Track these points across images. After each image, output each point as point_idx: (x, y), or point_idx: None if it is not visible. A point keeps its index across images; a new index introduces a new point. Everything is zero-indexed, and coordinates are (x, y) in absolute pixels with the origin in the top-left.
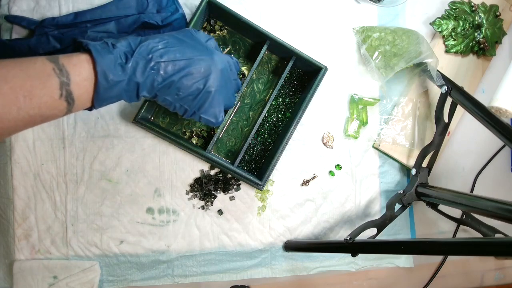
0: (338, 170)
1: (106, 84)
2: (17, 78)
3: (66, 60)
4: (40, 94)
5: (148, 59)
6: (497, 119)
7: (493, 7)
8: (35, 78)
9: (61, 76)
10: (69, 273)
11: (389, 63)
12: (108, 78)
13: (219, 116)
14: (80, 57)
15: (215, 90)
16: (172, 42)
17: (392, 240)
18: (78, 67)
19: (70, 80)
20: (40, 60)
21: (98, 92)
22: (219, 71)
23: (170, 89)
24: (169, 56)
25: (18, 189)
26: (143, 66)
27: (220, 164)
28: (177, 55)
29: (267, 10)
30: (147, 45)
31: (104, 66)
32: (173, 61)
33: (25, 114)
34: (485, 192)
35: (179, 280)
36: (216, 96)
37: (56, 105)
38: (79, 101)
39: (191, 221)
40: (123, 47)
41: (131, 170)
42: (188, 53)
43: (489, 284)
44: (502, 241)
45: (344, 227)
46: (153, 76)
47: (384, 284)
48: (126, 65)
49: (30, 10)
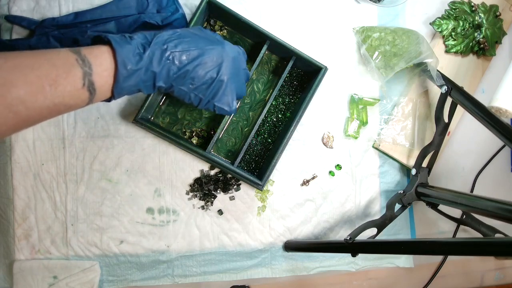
0: (338, 170)
1: (126, 73)
2: (43, 67)
3: (88, 51)
4: (64, 83)
5: (164, 49)
6: (497, 119)
7: (493, 7)
8: (60, 68)
9: (84, 66)
10: (69, 273)
11: (389, 63)
12: (127, 67)
13: (232, 104)
14: (101, 48)
15: (228, 78)
16: (184, 34)
17: (392, 240)
18: (99, 58)
19: (92, 70)
20: (64, 51)
21: (118, 81)
22: (230, 59)
23: (185, 79)
24: (183, 46)
25: (18, 189)
26: (159, 55)
27: (220, 164)
28: (190, 46)
29: (267, 10)
30: (162, 37)
31: (124, 55)
32: (187, 51)
33: (50, 102)
34: (485, 192)
35: (179, 280)
36: (229, 84)
37: (79, 95)
38: (100, 91)
39: (191, 221)
40: (139, 39)
41: (131, 170)
42: (200, 43)
43: (489, 284)
44: (502, 241)
45: (344, 227)
46: (169, 66)
47: (384, 284)
48: (144, 54)
49: (30, 10)
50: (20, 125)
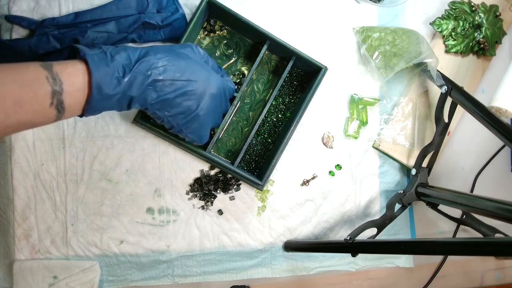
0: (338, 170)
1: (100, 97)
2: (8, 85)
3: (61, 68)
4: (31, 102)
5: (147, 75)
6: (497, 119)
7: (493, 7)
8: (26, 85)
9: (54, 85)
10: (69, 273)
11: (389, 63)
12: (102, 91)
13: (204, 137)
14: (76, 66)
15: (204, 114)
16: (172, 58)
17: (392, 240)
18: (72, 76)
19: (62, 90)
20: (34, 66)
21: (90, 103)
22: (213, 95)
23: (162, 106)
24: (167, 75)
25: (18, 189)
26: (141, 81)
27: (220, 164)
28: (175, 74)
29: (267, 10)
30: (147, 61)
31: (100, 79)
32: (171, 80)
33: (14, 120)
34: (485, 192)
35: (179, 280)
36: (205, 119)
37: (46, 113)
38: (69, 110)
39: (191, 221)
40: (121, 59)
41: (131, 170)
42: (187, 73)
43: (489, 284)
44: (502, 241)
45: (344, 227)
46: (149, 93)
47: (384, 284)
48: (123, 79)
49: (30, 10)
50: None
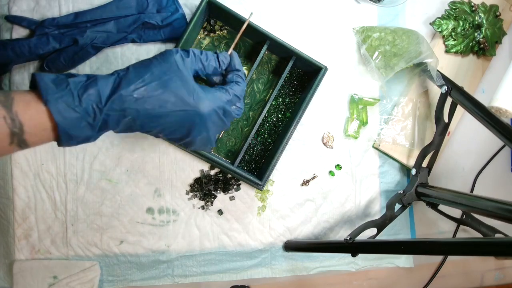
0: (338, 170)
1: (69, 140)
2: None
3: (22, 108)
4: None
5: (122, 114)
6: (497, 119)
7: (493, 7)
8: None
9: (13, 127)
10: (69, 273)
11: (389, 63)
12: (72, 136)
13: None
14: (39, 108)
15: (199, 138)
16: (151, 87)
17: (392, 240)
18: (34, 120)
19: (23, 132)
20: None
21: (60, 142)
22: (205, 121)
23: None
24: (146, 109)
25: (18, 189)
26: (116, 119)
27: (220, 164)
28: (156, 107)
29: (267, 10)
30: (119, 97)
31: (67, 127)
32: (151, 115)
33: None
34: (485, 192)
35: (179, 280)
36: (198, 141)
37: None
38: (35, 144)
39: (191, 221)
40: (90, 99)
41: (131, 170)
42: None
43: (489, 284)
44: (502, 241)
45: (344, 227)
46: (129, 123)
47: (384, 284)
48: (95, 122)
49: (30, 10)
50: None
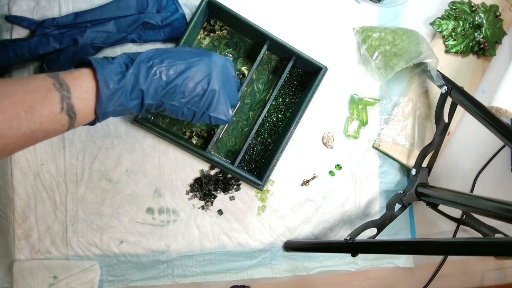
0: (338, 170)
1: (108, 92)
2: (18, 94)
3: (66, 75)
4: (40, 108)
5: (149, 65)
6: (497, 119)
7: (493, 7)
8: (35, 93)
9: (62, 90)
10: (69, 273)
11: (389, 63)
12: (109, 85)
13: (228, 113)
14: (81, 71)
15: (219, 87)
16: (169, 50)
17: (392, 240)
18: (78, 80)
19: (70, 94)
20: (41, 76)
21: (101, 101)
22: (219, 68)
23: (175, 94)
24: (169, 61)
25: (18, 189)
26: (145, 72)
27: (220, 164)
28: (176, 60)
29: (267, 10)
30: (146, 54)
31: (105, 74)
32: (173, 65)
33: (26, 129)
34: (485, 192)
35: (179, 280)
36: (221, 93)
37: (57, 120)
38: (80, 114)
39: (191, 221)
40: (122, 58)
41: (131, 170)
42: (187, 56)
43: (489, 284)
44: (502, 241)
45: (344, 227)
46: (157, 82)
47: (384, 284)
48: (127, 72)
49: (30, 10)
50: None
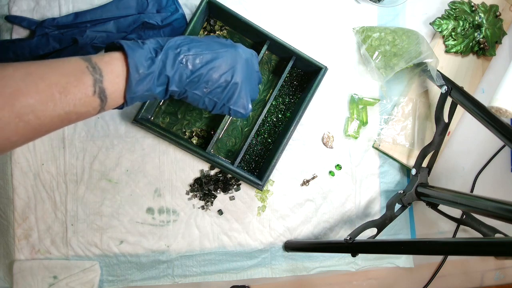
0: (338, 170)
1: (138, 77)
2: (53, 76)
3: (99, 59)
4: (74, 91)
5: (177, 52)
6: (497, 119)
7: (493, 7)
8: (70, 75)
9: (94, 73)
10: (69, 273)
11: (389, 63)
12: (139, 70)
13: (248, 107)
14: (112, 55)
15: (242, 81)
16: (197, 38)
17: (392, 240)
18: (110, 64)
19: (102, 77)
20: (74, 59)
21: (130, 85)
22: (244, 61)
23: (198, 83)
24: (196, 50)
25: (18, 189)
26: (173, 59)
27: (220, 164)
28: (203, 49)
29: (267, 10)
30: (175, 41)
31: (136, 59)
32: (200, 54)
33: (60, 110)
34: (485, 192)
35: (179, 280)
36: (243, 86)
37: (89, 102)
38: (111, 98)
39: (191, 221)
40: (152, 44)
41: (131, 170)
42: (214, 46)
43: (489, 284)
44: (502, 241)
45: (344, 227)
46: (182, 70)
47: (384, 284)
48: (156, 58)
49: (30, 10)
50: (31, 134)
